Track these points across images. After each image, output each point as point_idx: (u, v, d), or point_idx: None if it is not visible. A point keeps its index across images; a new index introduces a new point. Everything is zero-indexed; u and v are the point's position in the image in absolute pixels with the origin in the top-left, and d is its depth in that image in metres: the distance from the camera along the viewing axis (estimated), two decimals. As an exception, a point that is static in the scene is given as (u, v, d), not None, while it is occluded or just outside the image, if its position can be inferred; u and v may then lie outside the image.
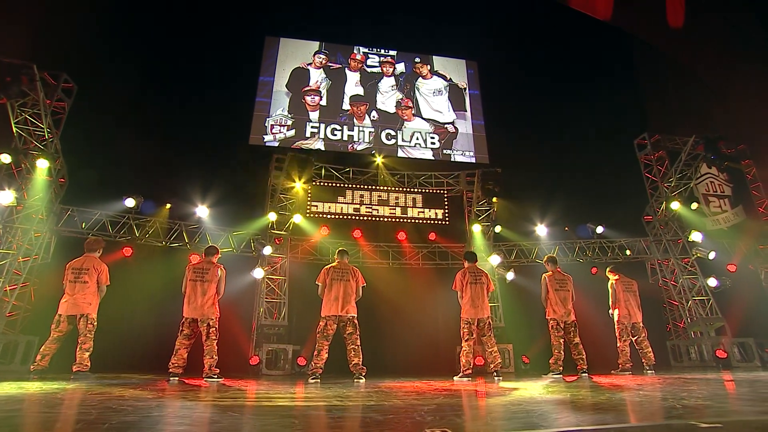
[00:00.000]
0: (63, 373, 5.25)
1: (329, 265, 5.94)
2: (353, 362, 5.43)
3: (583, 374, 6.00)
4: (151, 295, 8.14)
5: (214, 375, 5.19)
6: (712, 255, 9.18)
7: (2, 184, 7.18)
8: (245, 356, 7.90)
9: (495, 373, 5.82)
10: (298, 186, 8.82)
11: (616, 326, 6.82)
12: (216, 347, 5.31)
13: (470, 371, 5.78)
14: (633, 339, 6.75)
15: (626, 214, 10.43)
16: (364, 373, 5.37)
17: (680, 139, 10.18)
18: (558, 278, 6.54)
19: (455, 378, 5.63)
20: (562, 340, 6.24)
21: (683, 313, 9.29)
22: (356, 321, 5.61)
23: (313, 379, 5.22)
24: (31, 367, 5.23)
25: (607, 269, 7.23)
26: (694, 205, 9.68)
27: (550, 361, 6.18)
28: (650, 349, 6.67)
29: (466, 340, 5.92)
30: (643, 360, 6.66)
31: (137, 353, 7.87)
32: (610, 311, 6.95)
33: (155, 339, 7.56)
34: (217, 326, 5.38)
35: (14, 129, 7.19)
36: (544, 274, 6.64)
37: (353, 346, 5.50)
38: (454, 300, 6.36)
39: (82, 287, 5.25)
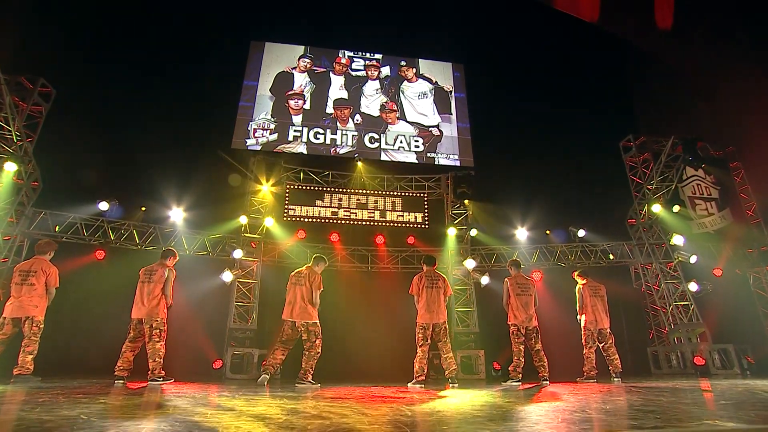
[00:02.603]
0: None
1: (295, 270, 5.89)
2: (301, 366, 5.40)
3: (544, 382, 5.85)
4: (123, 297, 8.14)
5: (159, 377, 5.14)
6: (693, 259, 8.95)
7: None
8: (210, 360, 7.86)
9: (449, 380, 5.69)
10: (266, 189, 8.78)
11: (582, 332, 6.65)
12: (161, 349, 5.27)
13: (423, 377, 5.67)
14: (600, 345, 6.57)
15: (610, 218, 10.25)
16: (308, 379, 5.33)
17: (666, 141, 9.98)
18: (520, 282, 6.41)
19: (408, 384, 5.53)
20: (522, 347, 6.09)
21: (665, 319, 9.06)
22: (312, 327, 5.53)
23: (261, 377, 5.25)
24: None
25: (576, 273, 7.05)
26: (676, 208, 9.44)
27: (509, 368, 6.04)
28: (617, 356, 6.48)
29: (420, 346, 5.81)
30: (609, 367, 6.47)
31: (111, 356, 7.85)
32: (578, 316, 6.78)
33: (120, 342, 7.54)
34: (163, 328, 5.34)
35: (-18, 133, 7.27)
36: (506, 278, 6.51)
37: (305, 351, 5.49)
38: None
39: (29, 289, 5.23)
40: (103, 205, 8.35)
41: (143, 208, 8.83)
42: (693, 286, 8.84)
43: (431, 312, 5.86)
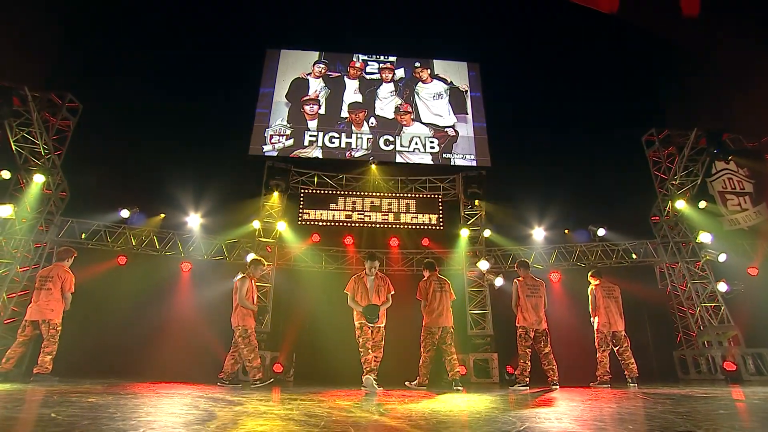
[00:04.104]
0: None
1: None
2: None
3: (554, 386, 5.67)
4: (142, 301, 8.48)
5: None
6: (722, 257, 8.45)
7: (3, 198, 7.72)
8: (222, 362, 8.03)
9: (453, 383, 5.60)
10: (276, 193, 8.92)
11: (595, 335, 6.39)
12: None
13: (427, 382, 5.66)
14: (615, 349, 6.30)
15: (632, 216, 9.83)
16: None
17: (691, 133, 9.49)
18: (530, 283, 6.25)
19: (409, 383, 5.61)
20: (529, 350, 5.94)
21: (693, 322, 8.59)
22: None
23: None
24: None
25: (589, 273, 6.80)
26: (703, 204, 8.92)
27: (516, 372, 5.89)
28: (633, 360, 6.19)
29: (427, 351, 5.81)
30: (625, 372, 6.19)
31: (129, 357, 8.18)
32: (591, 319, 6.52)
33: (140, 345, 7.86)
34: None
35: (13, 147, 7.74)
36: (515, 279, 6.36)
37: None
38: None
39: (46, 294, 5.53)
40: (124, 213, 8.70)
41: (162, 215, 9.14)
42: (722, 287, 8.34)
43: (441, 316, 5.87)
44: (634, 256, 9.45)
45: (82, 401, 2.92)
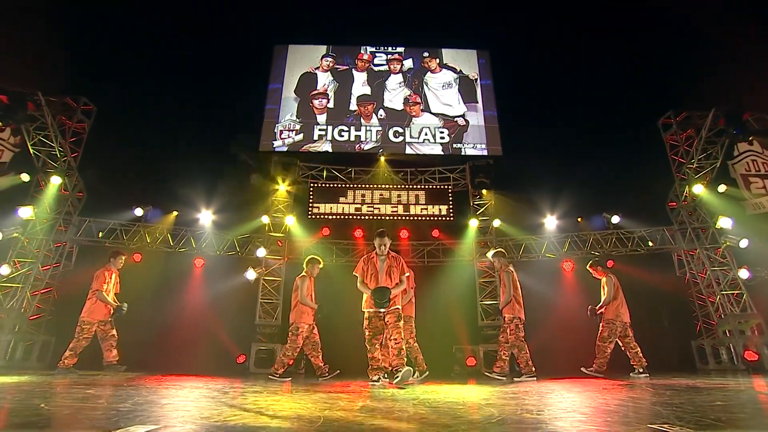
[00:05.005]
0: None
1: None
2: None
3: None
4: (159, 297, 8.72)
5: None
6: (743, 243, 8.10)
7: (24, 200, 8.04)
8: (233, 355, 8.23)
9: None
10: (282, 188, 9.00)
11: (604, 326, 6.22)
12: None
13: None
14: (622, 340, 6.17)
15: (647, 202, 9.52)
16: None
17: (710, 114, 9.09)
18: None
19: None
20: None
21: (713, 310, 8.31)
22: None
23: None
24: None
25: (590, 263, 6.68)
26: (722, 188, 8.55)
27: (521, 363, 5.90)
28: (639, 349, 6.06)
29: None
30: (634, 362, 6.04)
31: (146, 351, 8.44)
32: (599, 309, 6.34)
33: (156, 339, 8.11)
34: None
35: (31, 150, 8.03)
36: (509, 267, 6.31)
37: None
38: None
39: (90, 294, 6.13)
40: (138, 211, 8.93)
41: (175, 213, 9.35)
42: (744, 273, 8.02)
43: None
44: (650, 243, 9.16)
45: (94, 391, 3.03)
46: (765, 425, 2.03)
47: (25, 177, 7.99)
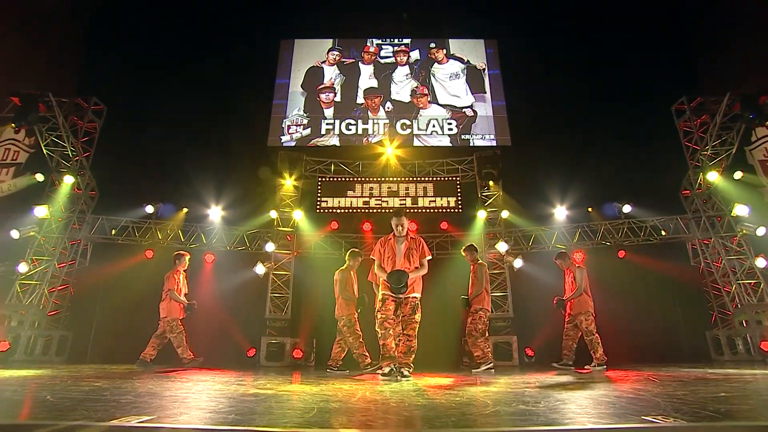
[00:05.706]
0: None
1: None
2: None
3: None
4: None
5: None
6: (761, 231, 7.89)
7: (40, 199, 8.23)
8: (244, 348, 8.34)
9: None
10: (289, 183, 9.04)
11: (587, 318, 6.17)
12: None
13: None
14: (569, 329, 6.34)
15: (660, 191, 9.33)
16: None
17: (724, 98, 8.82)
18: None
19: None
20: None
21: (729, 300, 8.13)
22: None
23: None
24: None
25: (557, 255, 6.74)
26: (738, 174, 8.31)
27: (479, 354, 5.98)
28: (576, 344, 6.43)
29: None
30: (564, 353, 6.28)
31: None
32: (566, 299, 6.37)
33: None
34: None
35: (44, 150, 8.20)
36: (481, 263, 6.51)
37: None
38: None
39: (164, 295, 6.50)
40: (149, 208, 9.07)
41: (185, 210, 9.47)
42: (761, 262, 7.82)
43: None
44: (663, 232, 8.98)
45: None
46: (762, 417, 1.98)
47: (39, 177, 8.18)
